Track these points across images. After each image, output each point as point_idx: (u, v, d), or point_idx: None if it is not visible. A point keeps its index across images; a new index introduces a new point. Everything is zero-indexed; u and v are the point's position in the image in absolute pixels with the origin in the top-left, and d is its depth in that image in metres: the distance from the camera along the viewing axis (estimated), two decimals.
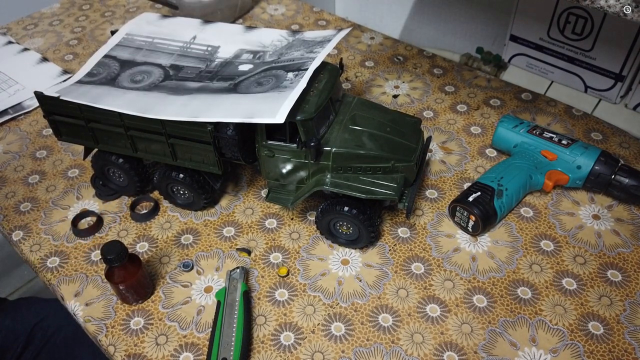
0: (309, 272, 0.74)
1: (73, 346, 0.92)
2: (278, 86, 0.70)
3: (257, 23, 1.22)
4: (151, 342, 0.68)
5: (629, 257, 0.74)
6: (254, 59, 0.78)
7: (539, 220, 0.79)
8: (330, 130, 0.71)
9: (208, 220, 0.81)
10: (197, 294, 0.72)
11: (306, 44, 0.78)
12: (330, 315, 0.69)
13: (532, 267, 0.73)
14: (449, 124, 0.95)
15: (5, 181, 0.89)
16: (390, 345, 0.66)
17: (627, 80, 1.01)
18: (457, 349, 0.66)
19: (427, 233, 0.78)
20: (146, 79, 0.77)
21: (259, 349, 0.66)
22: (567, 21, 1.02)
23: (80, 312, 0.71)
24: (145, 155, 0.77)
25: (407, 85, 1.03)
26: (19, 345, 0.93)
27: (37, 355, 0.92)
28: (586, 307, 0.69)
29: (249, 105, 0.67)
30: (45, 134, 0.98)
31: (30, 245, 0.80)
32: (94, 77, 0.78)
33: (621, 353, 0.65)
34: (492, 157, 0.88)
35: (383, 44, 1.14)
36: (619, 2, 0.57)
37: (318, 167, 0.71)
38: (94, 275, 0.75)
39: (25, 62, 1.12)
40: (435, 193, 0.84)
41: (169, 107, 0.70)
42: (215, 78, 0.76)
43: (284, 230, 0.80)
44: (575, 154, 0.78)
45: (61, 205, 0.85)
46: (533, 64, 1.13)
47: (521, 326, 0.67)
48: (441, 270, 0.74)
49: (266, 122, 0.64)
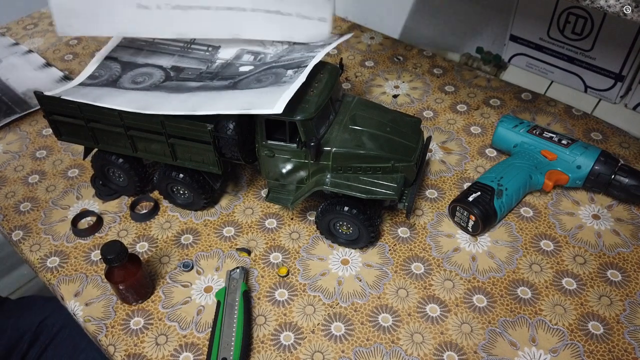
0: (309, 272, 0.74)
1: (79, 343, 0.93)
2: (277, 82, 0.70)
3: None
4: (151, 342, 0.68)
5: (629, 257, 0.74)
6: (254, 61, 0.78)
7: (539, 220, 0.79)
8: (330, 130, 0.71)
9: (208, 220, 0.81)
10: (197, 294, 0.72)
11: (307, 47, 0.78)
12: (330, 315, 0.70)
13: (532, 267, 0.73)
14: (448, 124, 0.95)
15: (5, 181, 0.89)
16: (390, 345, 0.66)
17: (627, 80, 1.01)
18: (457, 349, 0.66)
19: (427, 233, 0.78)
20: (147, 80, 0.77)
21: (259, 349, 0.66)
22: (567, 21, 1.02)
23: (80, 312, 0.71)
24: (145, 155, 0.77)
25: (407, 85, 1.03)
26: (25, 342, 0.93)
27: (43, 352, 0.93)
28: (586, 307, 0.69)
29: (247, 97, 0.67)
30: (45, 134, 0.98)
31: (30, 245, 0.80)
32: (95, 79, 0.78)
33: (621, 353, 0.65)
34: (492, 157, 0.88)
35: (383, 44, 1.14)
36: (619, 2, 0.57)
37: (318, 167, 0.71)
38: (94, 275, 0.75)
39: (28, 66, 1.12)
40: (435, 193, 0.84)
41: (168, 103, 0.70)
42: (215, 78, 0.76)
43: (284, 230, 0.80)
44: (575, 154, 0.78)
45: (61, 205, 0.85)
46: (533, 63, 1.13)
47: (521, 326, 0.67)
48: (441, 270, 0.74)
49: (265, 113, 0.64)
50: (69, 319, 0.95)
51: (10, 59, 1.14)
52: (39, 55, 1.15)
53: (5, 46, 1.18)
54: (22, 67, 1.12)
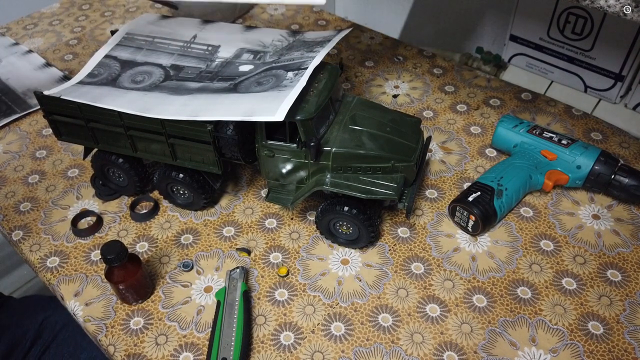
0: (309, 272, 0.74)
1: (81, 341, 0.93)
2: (278, 85, 0.70)
3: (257, 23, 1.22)
4: (151, 342, 0.68)
5: (629, 257, 0.74)
6: (254, 60, 0.78)
7: (539, 220, 0.79)
8: (330, 130, 0.71)
9: (208, 220, 0.81)
10: (197, 294, 0.72)
11: (306, 45, 0.78)
12: (330, 315, 0.69)
13: (532, 267, 0.73)
14: (448, 124, 0.95)
15: (5, 181, 0.89)
16: (390, 345, 0.66)
17: (627, 80, 1.01)
18: (457, 349, 0.66)
19: (427, 233, 0.78)
20: (147, 79, 0.77)
21: (258, 349, 0.66)
22: (567, 21, 1.02)
23: (80, 312, 0.71)
24: (145, 155, 0.77)
25: (407, 85, 1.03)
26: (28, 340, 0.93)
27: (45, 351, 0.93)
28: (586, 307, 0.69)
29: (248, 103, 0.67)
30: (45, 134, 0.98)
31: (30, 245, 0.80)
32: (94, 77, 0.78)
33: (621, 353, 0.65)
34: (492, 157, 0.88)
35: (383, 44, 1.14)
36: (618, 2, 0.57)
37: (318, 167, 0.71)
38: (94, 275, 0.75)
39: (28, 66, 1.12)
40: (435, 193, 0.84)
41: (169, 106, 0.70)
42: (215, 78, 0.76)
43: (283, 230, 0.80)
44: (575, 154, 0.78)
45: (61, 205, 0.85)
46: (533, 63, 1.13)
47: (521, 326, 0.67)
48: (441, 270, 0.74)
49: (266, 120, 0.64)
50: (71, 317, 0.95)
51: (10, 59, 1.14)
52: (39, 55, 1.15)
53: (5, 46, 1.18)
54: (22, 67, 1.12)
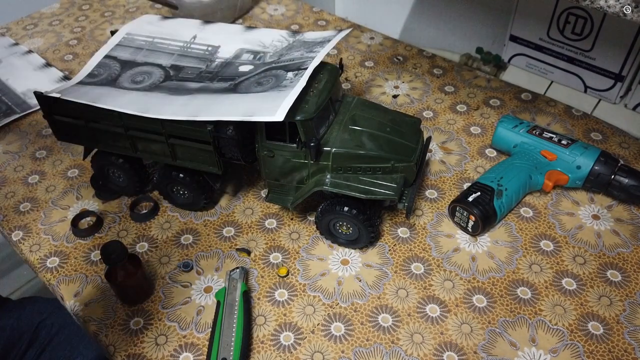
0: (309, 272, 0.74)
1: (77, 344, 0.93)
2: (278, 85, 0.70)
3: (257, 23, 1.22)
4: (151, 342, 0.68)
5: (629, 257, 0.74)
6: (254, 60, 0.78)
7: (539, 220, 0.79)
8: (330, 131, 0.71)
9: (208, 220, 0.81)
10: (196, 294, 0.72)
11: (306, 45, 0.78)
12: (330, 315, 0.69)
13: (532, 267, 0.73)
14: (448, 124, 0.95)
15: (5, 181, 0.89)
16: (390, 346, 0.66)
17: (627, 81, 1.01)
18: (456, 349, 0.66)
19: (426, 233, 0.78)
20: (147, 80, 0.77)
21: (258, 349, 0.66)
22: (566, 21, 1.02)
23: (80, 312, 0.71)
24: (145, 155, 0.77)
25: (407, 85, 1.03)
26: (24, 343, 0.93)
27: (41, 353, 0.92)
28: (586, 307, 0.69)
29: (248, 104, 0.67)
30: (45, 134, 0.98)
31: (30, 245, 0.80)
32: (94, 77, 0.78)
33: (621, 353, 0.65)
34: (492, 157, 0.88)
35: (383, 44, 1.14)
36: (618, 2, 0.57)
37: (318, 167, 0.71)
38: (94, 275, 0.75)
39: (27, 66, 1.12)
40: (435, 193, 0.84)
41: (168, 106, 0.70)
42: (215, 79, 0.76)
43: (283, 230, 0.80)
44: (575, 154, 0.78)
45: (61, 205, 0.85)
46: (533, 64, 1.13)
47: (521, 326, 0.67)
48: (441, 270, 0.74)
49: (266, 120, 0.64)
50: (67, 319, 0.95)
51: (10, 59, 1.14)
52: (38, 55, 1.15)
53: (5, 46, 1.18)
54: (22, 67, 1.12)
